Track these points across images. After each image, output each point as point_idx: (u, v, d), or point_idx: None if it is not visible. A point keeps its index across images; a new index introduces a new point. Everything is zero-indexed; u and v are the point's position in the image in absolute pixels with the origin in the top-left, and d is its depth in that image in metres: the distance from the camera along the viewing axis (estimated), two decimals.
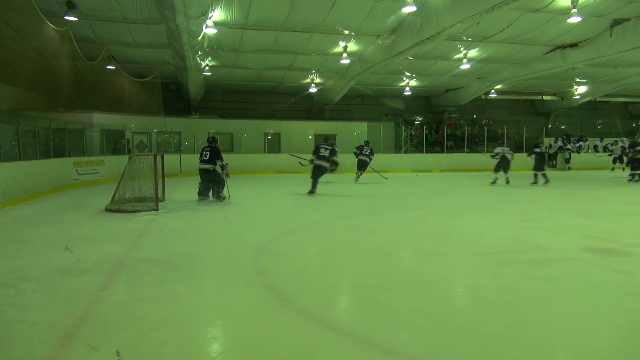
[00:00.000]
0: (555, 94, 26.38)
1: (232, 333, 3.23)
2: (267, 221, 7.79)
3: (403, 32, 14.03)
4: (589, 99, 25.56)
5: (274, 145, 23.15)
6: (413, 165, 21.63)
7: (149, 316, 3.40)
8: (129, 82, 18.06)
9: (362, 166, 15.40)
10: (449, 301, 3.88)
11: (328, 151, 11.60)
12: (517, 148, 23.67)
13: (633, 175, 15.54)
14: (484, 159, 19.46)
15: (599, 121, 27.91)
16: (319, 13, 13.35)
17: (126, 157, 11.34)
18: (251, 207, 9.53)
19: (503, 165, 14.15)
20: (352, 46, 16.29)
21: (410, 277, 4.47)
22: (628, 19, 13.84)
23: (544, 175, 14.41)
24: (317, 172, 11.65)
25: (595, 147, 25.20)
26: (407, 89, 23.47)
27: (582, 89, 24.51)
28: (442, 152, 22.88)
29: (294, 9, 13.01)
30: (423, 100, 26.90)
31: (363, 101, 25.93)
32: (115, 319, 3.36)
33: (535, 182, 14.35)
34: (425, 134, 23.57)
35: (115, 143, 18.02)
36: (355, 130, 23.75)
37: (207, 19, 12.27)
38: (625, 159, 19.23)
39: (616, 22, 14.23)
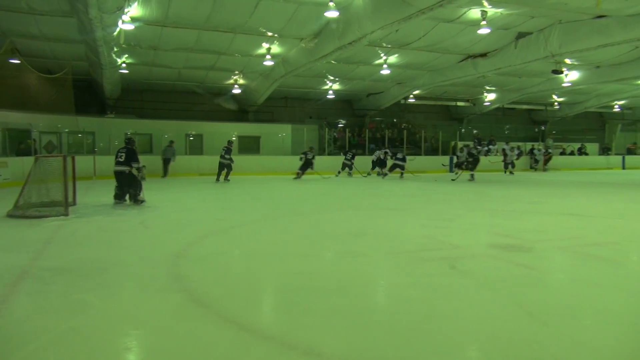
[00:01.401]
0: (467, 100, 27.99)
1: (147, 342, 3.10)
2: (187, 225, 7.57)
3: (326, 37, 14.26)
4: (497, 105, 27.39)
5: (196, 146, 22.58)
6: (336, 167, 21.97)
7: (54, 329, 3.18)
8: (35, 78, 16.78)
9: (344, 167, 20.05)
10: (367, 299, 3.98)
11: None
12: (433, 151, 24.88)
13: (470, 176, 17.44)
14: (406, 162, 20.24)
15: (507, 126, 30.02)
16: (241, 14, 13.21)
17: (32, 158, 10.52)
18: (170, 211, 9.22)
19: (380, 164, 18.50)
20: (276, 48, 16.29)
21: (330, 278, 4.54)
22: (530, 33, 15.03)
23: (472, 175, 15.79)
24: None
25: (504, 150, 27.06)
26: (331, 92, 23.86)
27: (491, 96, 26.21)
28: (364, 154, 23.47)
29: (216, 8, 12.78)
30: (346, 103, 27.47)
31: (287, 103, 26.01)
32: (15, 334, 3.10)
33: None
34: (348, 137, 24.08)
35: (19, 143, 16.68)
36: (280, 133, 23.76)
37: (123, 13, 11.72)
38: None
39: (520, 35, 15.41)
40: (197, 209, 9.88)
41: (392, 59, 18.04)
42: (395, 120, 27.27)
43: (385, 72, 18.91)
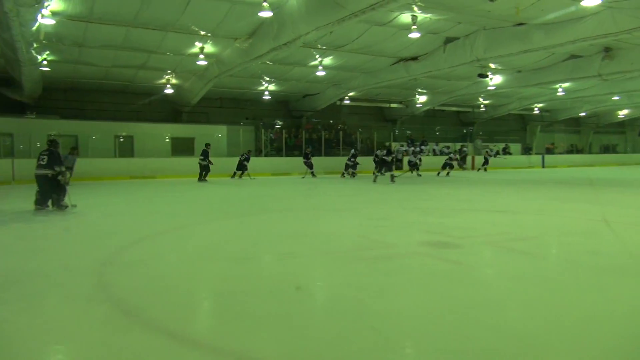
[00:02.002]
0: (401, 102, 28.80)
1: (70, 356, 2.92)
2: (115, 231, 7.23)
3: (261, 37, 14.14)
4: (428, 107, 28.39)
5: (126, 149, 21.65)
6: (273, 168, 21.88)
7: None
8: None
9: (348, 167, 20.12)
10: (302, 302, 3.97)
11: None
12: (369, 152, 25.35)
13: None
14: (341, 162, 20.55)
15: (438, 127, 31.21)
16: (172, 11, 12.81)
17: None
18: (97, 217, 8.77)
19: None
20: (209, 48, 15.96)
21: (267, 281, 4.49)
22: (458, 38, 15.70)
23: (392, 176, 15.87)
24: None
25: (434, 151, 28.14)
26: (267, 93, 23.71)
27: (422, 99, 27.13)
28: (301, 155, 23.51)
29: (145, 5, 12.30)
30: (282, 104, 27.41)
31: (222, 104, 25.55)
32: None
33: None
34: (285, 138, 24.04)
35: None
36: (215, 134, 23.30)
37: (43, 7, 10.99)
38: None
39: (449, 40, 16.05)
40: (125, 213, 9.47)
41: (327, 60, 18.21)
42: (331, 122, 27.55)
43: (321, 73, 19.05)
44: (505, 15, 12.70)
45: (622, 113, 34.32)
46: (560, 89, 23.70)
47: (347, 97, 25.75)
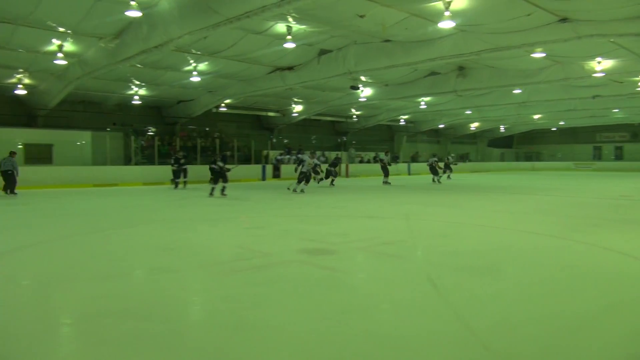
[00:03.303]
0: (277, 111, 29.10)
1: None
2: None
3: (129, 38, 13.28)
4: (304, 116, 29.08)
5: None
6: (145, 178, 20.65)
7: None
8: None
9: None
10: (177, 320, 3.74)
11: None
12: (246, 160, 25.19)
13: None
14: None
15: (314, 136, 32.12)
16: (24, 3, 11.47)
17: None
18: None
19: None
20: (70, 46, 14.57)
21: (137, 299, 4.17)
22: (331, 51, 16.32)
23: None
24: None
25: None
26: (137, 97, 22.35)
27: (298, 108, 27.72)
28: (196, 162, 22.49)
29: None
30: (155, 110, 26.05)
31: (86, 108, 23.49)
32: None
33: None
34: (158, 146, 22.85)
35: None
36: (78, 140, 21.36)
37: None
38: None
39: (323, 52, 16.62)
40: None
41: (202, 66, 17.71)
42: (207, 129, 26.86)
43: (195, 79, 18.47)
44: (373, 31, 13.51)
45: (473, 125, 38.55)
46: (422, 103, 25.89)
47: (223, 105, 25.33)
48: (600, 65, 15.97)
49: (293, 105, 27.37)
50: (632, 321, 3.74)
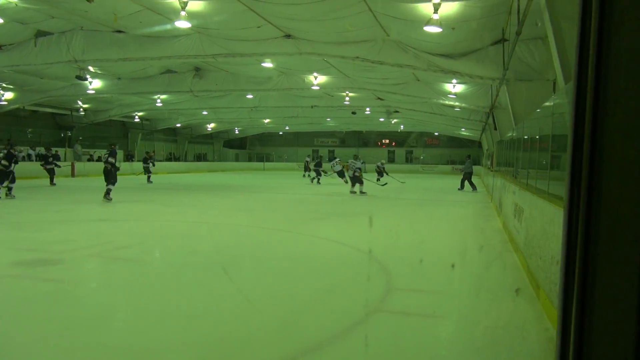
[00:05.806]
0: None
1: None
2: None
3: None
4: (17, 106, 24.78)
5: None
6: None
7: None
8: None
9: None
10: None
11: None
12: None
13: None
14: None
15: (30, 129, 27.67)
16: None
17: None
18: None
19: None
20: None
21: None
22: (52, 34, 14.34)
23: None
24: None
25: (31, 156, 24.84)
26: None
27: (8, 95, 23.47)
28: None
29: None
30: None
31: None
32: None
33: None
34: None
35: None
36: None
37: None
38: None
39: (41, 34, 14.44)
40: None
41: None
42: None
43: None
44: (104, 19, 12.46)
45: (210, 126, 39.45)
46: (158, 100, 25.13)
47: None
48: (317, 79, 18.45)
49: (1, 92, 23.03)
50: (350, 295, 4.48)
